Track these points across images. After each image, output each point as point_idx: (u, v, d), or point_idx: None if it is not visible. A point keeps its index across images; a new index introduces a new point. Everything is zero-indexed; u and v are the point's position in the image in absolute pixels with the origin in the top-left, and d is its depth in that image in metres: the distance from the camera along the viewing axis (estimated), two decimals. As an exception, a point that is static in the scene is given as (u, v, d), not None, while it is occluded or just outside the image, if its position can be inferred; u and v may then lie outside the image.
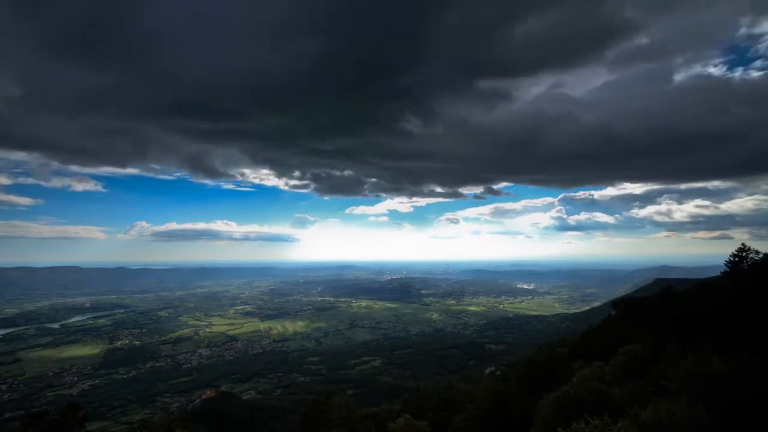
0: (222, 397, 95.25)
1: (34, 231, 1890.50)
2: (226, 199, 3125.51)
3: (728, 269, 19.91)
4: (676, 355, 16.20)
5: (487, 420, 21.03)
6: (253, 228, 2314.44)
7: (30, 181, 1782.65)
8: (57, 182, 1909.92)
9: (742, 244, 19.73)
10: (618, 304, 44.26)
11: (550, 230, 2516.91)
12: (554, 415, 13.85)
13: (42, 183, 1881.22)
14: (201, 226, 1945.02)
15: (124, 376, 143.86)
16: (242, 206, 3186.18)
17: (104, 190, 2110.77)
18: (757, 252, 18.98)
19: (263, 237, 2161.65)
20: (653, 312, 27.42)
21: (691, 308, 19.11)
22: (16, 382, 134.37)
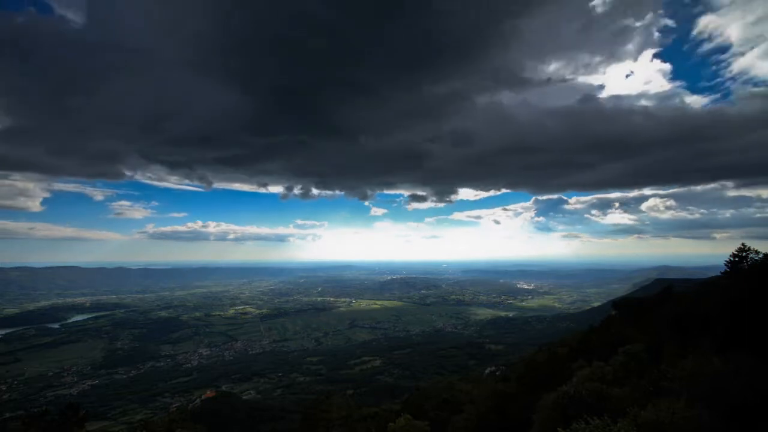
0: (222, 397, 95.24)
1: (38, 233, 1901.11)
2: (226, 201, 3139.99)
3: (728, 269, 19.89)
4: (676, 355, 16.18)
5: (487, 420, 21.02)
6: (252, 229, 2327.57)
7: (35, 185, 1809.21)
8: (60, 187, 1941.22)
9: (742, 244, 19.68)
10: (618, 304, 44.12)
11: (542, 231, 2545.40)
12: (554, 415, 13.84)
13: (47, 187, 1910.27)
14: (200, 226, 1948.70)
15: (124, 376, 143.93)
16: (242, 207, 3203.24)
17: (107, 193, 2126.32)
18: (757, 252, 18.95)
19: (263, 237, 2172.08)
20: (653, 312, 27.41)
21: (691, 308, 19.12)
22: (16, 382, 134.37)
